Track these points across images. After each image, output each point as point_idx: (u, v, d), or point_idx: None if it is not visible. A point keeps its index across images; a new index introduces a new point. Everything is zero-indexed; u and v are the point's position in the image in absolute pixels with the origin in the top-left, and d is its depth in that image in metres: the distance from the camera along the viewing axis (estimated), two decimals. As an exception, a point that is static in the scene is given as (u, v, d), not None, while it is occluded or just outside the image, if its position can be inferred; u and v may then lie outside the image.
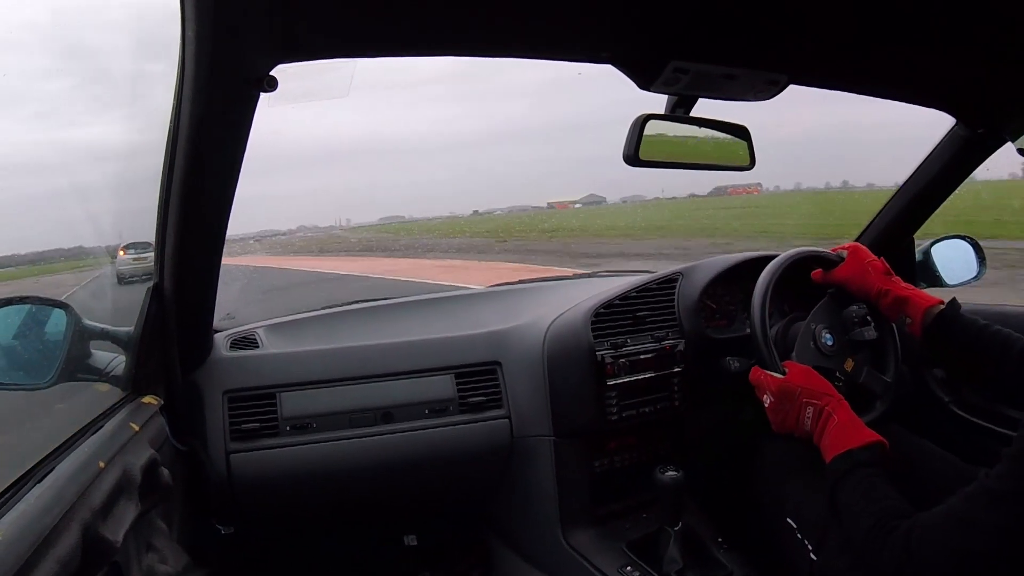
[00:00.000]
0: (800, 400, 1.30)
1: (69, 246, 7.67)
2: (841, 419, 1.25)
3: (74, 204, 1.55)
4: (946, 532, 1.00)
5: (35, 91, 8.22)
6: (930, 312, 1.38)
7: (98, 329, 1.28)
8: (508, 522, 1.78)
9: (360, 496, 1.67)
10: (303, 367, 1.64)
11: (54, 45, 11.78)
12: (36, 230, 10.17)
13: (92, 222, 1.52)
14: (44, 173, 3.13)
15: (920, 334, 1.39)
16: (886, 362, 1.53)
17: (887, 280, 1.45)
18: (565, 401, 1.65)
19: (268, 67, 0.98)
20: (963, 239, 2.05)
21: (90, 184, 1.52)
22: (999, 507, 0.95)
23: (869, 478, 1.15)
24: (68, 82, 12.39)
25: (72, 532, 0.81)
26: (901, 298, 1.41)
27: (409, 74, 54.37)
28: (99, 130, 3.65)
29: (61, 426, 1.11)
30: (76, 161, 2.07)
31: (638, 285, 1.75)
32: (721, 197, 58.71)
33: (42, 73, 9.98)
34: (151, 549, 1.11)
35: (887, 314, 1.46)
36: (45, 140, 8.14)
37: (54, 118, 10.02)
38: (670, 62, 1.12)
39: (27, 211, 9.86)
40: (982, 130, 1.63)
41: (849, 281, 1.49)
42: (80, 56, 16.27)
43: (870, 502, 1.12)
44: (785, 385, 1.34)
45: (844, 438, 1.22)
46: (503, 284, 2.39)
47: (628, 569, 1.51)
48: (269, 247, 35.43)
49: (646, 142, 1.24)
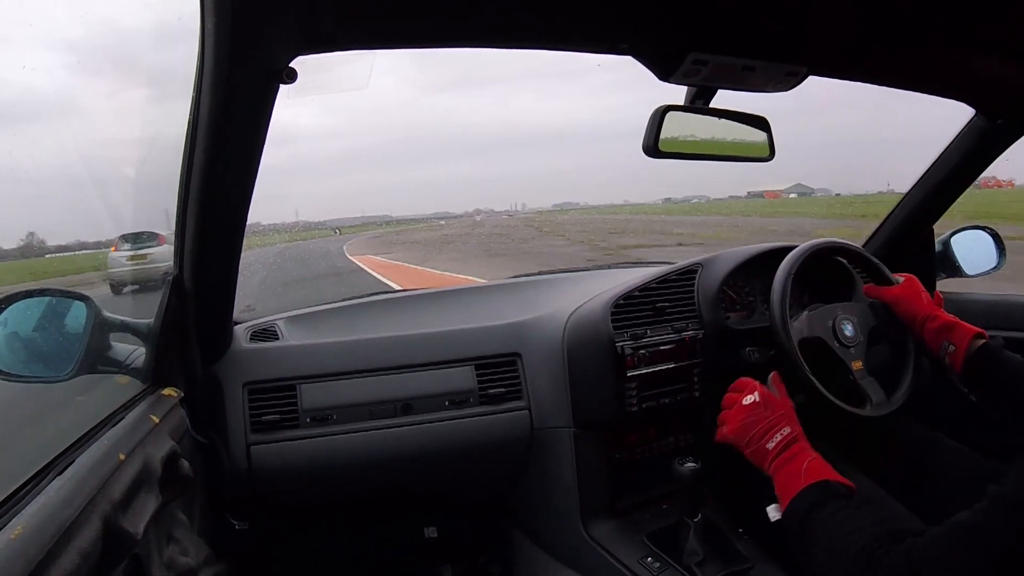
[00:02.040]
0: (780, 420, 1.25)
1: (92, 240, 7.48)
2: (817, 457, 1.19)
3: (94, 197, 1.54)
4: (951, 545, 0.94)
5: (46, 81, 8.16)
6: (974, 343, 1.36)
7: (118, 321, 1.28)
8: (528, 514, 1.78)
9: (380, 488, 1.67)
10: (323, 359, 1.64)
11: (69, 36, 11.74)
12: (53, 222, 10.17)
13: (113, 217, 1.52)
14: (61, 167, 3.11)
15: (961, 361, 1.37)
16: (895, 385, 1.51)
17: (936, 308, 1.44)
18: (585, 393, 1.64)
19: (288, 59, 0.98)
20: (983, 229, 2.05)
21: (107, 177, 1.53)
22: (1013, 515, 0.91)
23: (848, 509, 1.08)
24: (84, 72, 12.37)
25: (93, 524, 0.81)
26: (949, 324, 1.40)
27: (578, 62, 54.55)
28: (117, 122, 3.61)
29: (81, 418, 1.12)
30: (93, 154, 2.07)
31: (657, 276, 1.74)
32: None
33: (58, 63, 9.94)
34: (172, 541, 1.12)
35: (928, 339, 1.44)
36: (57, 133, 8.12)
37: (69, 109, 10.02)
38: (689, 53, 1.12)
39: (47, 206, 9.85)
40: (1001, 121, 1.62)
41: (900, 300, 1.49)
42: (97, 47, 16.31)
43: (856, 528, 1.04)
44: (775, 398, 1.31)
45: (823, 470, 1.15)
46: (522, 276, 2.39)
47: (649, 560, 1.50)
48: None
49: (665, 133, 1.24)
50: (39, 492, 0.82)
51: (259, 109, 1.06)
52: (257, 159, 1.17)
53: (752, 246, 1.75)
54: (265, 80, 1.00)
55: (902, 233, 1.96)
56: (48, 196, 2.14)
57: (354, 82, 1.09)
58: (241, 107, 1.05)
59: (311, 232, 64.82)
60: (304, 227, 77.87)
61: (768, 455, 1.22)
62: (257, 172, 1.19)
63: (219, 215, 1.25)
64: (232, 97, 1.02)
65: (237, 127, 1.08)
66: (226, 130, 1.08)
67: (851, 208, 35.39)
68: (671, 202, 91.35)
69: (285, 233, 54.29)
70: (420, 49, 1.09)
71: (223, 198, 1.22)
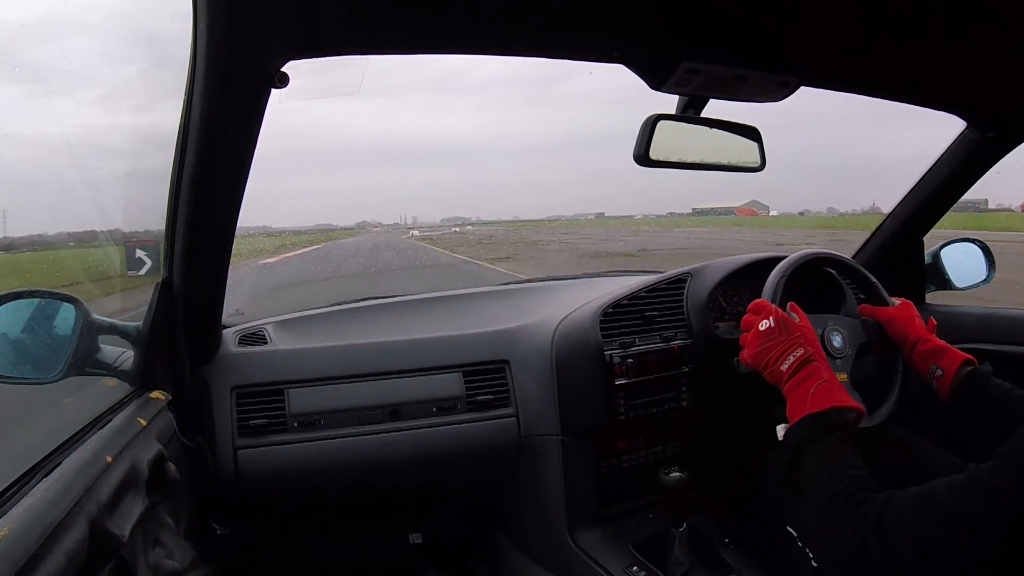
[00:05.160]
0: (795, 340, 1.26)
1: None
2: (830, 378, 1.20)
3: (85, 199, 1.53)
4: (921, 519, 0.95)
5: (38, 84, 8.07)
6: (963, 368, 1.37)
7: (106, 323, 1.28)
8: (515, 521, 1.78)
9: (366, 493, 1.67)
10: (311, 364, 1.64)
11: (55, 37, 11.58)
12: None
13: (103, 218, 1.51)
14: (51, 168, 3.09)
15: (948, 387, 1.37)
16: (879, 402, 1.49)
17: (928, 333, 1.45)
18: (573, 400, 1.65)
19: (280, 63, 0.98)
20: (973, 242, 2.05)
21: (98, 178, 1.52)
22: (988, 502, 0.91)
23: (842, 443, 1.11)
24: (74, 73, 12.15)
25: (79, 526, 0.80)
26: (939, 349, 1.41)
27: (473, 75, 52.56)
28: (107, 124, 3.56)
29: (69, 420, 1.11)
30: (85, 155, 2.04)
31: (647, 285, 1.75)
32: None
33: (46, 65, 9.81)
34: (158, 544, 1.11)
35: (918, 361, 1.44)
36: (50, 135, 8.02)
37: (57, 111, 9.84)
38: (682, 63, 1.13)
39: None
40: (993, 133, 1.63)
41: (894, 320, 1.49)
42: (88, 47, 16.20)
43: (839, 468, 1.07)
44: (789, 319, 1.31)
45: (828, 396, 1.17)
46: (512, 283, 2.39)
47: (635, 569, 1.51)
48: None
49: (656, 142, 1.24)
50: (26, 493, 0.81)
51: (251, 113, 1.06)
52: (248, 163, 1.17)
53: (742, 256, 1.76)
54: (257, 84, 1.00)
55: (892, 244, 1.97)
56: (36, 198, 2.11)
57: (346, 87, 1.10)
58: (233, 111, 1.05)
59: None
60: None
61: (783, 377, 1.24)
62: (248, 176, 1.19)
63: (209, 219, 1.25)
64: (224, 101, 1.02)
65: (228, 131, 1.09)
66: (217, 133, 1.08)
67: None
68: (574, 219, 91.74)
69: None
70: (412, 55, 1.09)
71: (213, 202, 1.22)
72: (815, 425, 1.14)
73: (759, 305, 1.37)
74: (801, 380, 1.21)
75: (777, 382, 1.26)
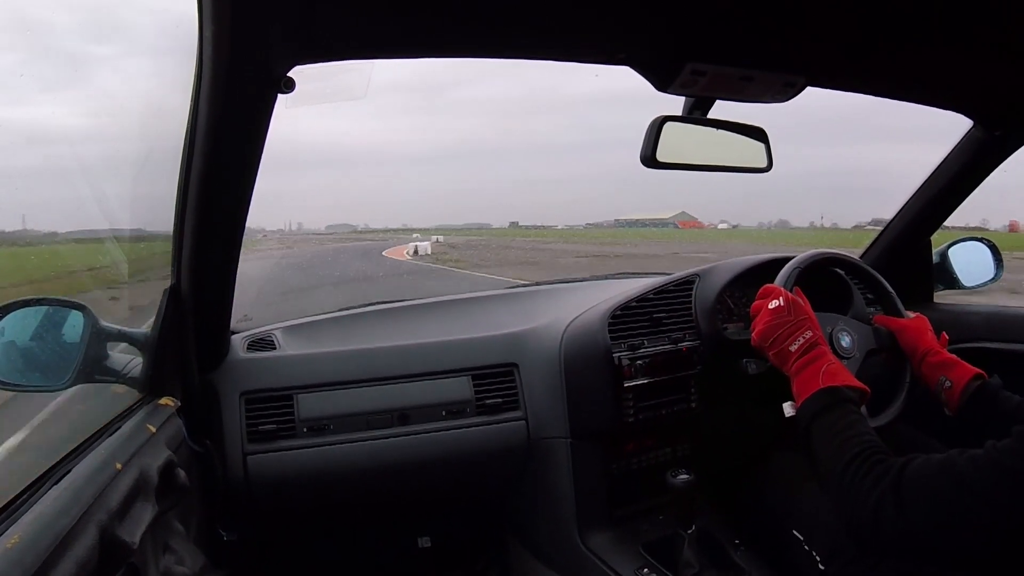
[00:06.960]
0: (803, 324, 1.28)
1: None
2: (836, 362, 1.23)
3: (89, 201, 1.54)
4: (940, 485, 0.97)
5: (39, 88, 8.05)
6: (972, 383, 1.36)
7: (115, 330, 1.28)
8: (525, 523, 1.78)
9: (376, 497, 1.67)
10: (320, 369, 1.64)
11: (62, 41, 11.68)
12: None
13: (110, 223, 1.51)
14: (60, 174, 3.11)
15: (957, 399, 1.36)
16: (883, 407, 1.46)
17: (940, 346, 1.44)
18: (582, 403, 1.65)
19: (286, 68, 0.98)
20: (980, 241, 2.05)
21: (105, 183, 1.52)
22: (1002, 483, 0.94)
23: (855, 414, 1.14)
24: (80, 78, 12.17)
25: (89, 533, 0.80)
26: (949, 362, 1.40)
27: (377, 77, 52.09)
28: (114, 130, 3.56)
29: (78, 428, 1.11)
30: (90, 160, 2.05)
31: (655, 287, 1.74)
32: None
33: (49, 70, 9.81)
34: (168, 550, 1.11)
35: (927, 372, 1.42)
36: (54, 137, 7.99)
37: (62, 116, 9.85)
38: (687, 64, 1.12)
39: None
40: (999, 132, 1.62)
41: (906, 329, 1.48)
42: (94, 55, 16.31)
43: (857, 434, 1.10)
44: (799, 302, 1.33)
45: (839, 375, 1.19)
46: (520, 286, 2.39)
47: (645, 571, 1.50)
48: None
49: (663, 144, 1.24)
50: (36, 501, 0.81)
51: (257, 118, 1.06)
52: (255, 168, 1.17)
53: (750, 257, 1.75)
54: (263, 89, 1.00)
55: (899, 243, 1.96)
56: (41, 203, 2.12)
57: (352, 92, 1.10)
58: (239, 116, 1.05)
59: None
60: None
61: (790, 357, 1.25)
62: (255, 181, 1.19)
63: (216, 225, 1.25)
64: (230, 106, 1.02)
65: (235, 136, 1.09)
66: (224, 139, 1.08)
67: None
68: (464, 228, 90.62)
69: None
70: (418, 59, 1.09)
71: (220, 208, 1.23)
72: (829, 397, 1.17)
73: (768, 289, 1.38)
74: (810, 360, 1.23)
75: (783, 363, 1.27)
